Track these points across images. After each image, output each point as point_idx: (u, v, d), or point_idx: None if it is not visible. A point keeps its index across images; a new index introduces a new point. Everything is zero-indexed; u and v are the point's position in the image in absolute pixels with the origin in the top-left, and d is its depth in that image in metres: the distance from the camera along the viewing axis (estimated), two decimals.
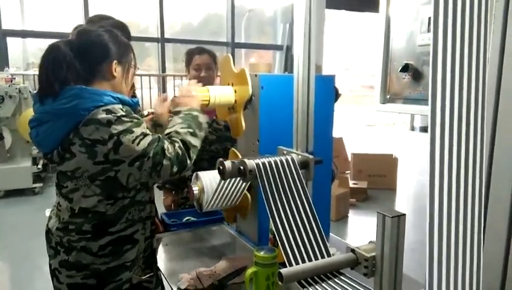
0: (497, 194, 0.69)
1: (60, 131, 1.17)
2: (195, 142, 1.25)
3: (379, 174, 5.71)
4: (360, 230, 4.38)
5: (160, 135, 1.21)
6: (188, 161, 1.21)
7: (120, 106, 1.20)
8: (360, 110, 14.80)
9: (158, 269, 1.43)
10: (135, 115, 1.21)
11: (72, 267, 1.23)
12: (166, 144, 1.18)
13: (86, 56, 1.22)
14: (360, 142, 8.72)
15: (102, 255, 1.23)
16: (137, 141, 1.14)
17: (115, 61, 1.25)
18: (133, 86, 1.37)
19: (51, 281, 1.32)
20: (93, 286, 1.24)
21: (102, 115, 1.14)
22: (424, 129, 12.05)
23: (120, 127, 1.14)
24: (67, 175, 1.22)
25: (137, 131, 1.16)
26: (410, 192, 6.00)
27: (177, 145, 1.20)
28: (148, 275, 1.35)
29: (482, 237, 0.57)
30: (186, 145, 1.22)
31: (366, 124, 13.65)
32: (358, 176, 5.66)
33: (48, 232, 1.31)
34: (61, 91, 1.17)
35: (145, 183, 1.29)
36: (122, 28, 1.60)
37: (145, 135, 1.17)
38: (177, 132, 1.24)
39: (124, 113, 1.17)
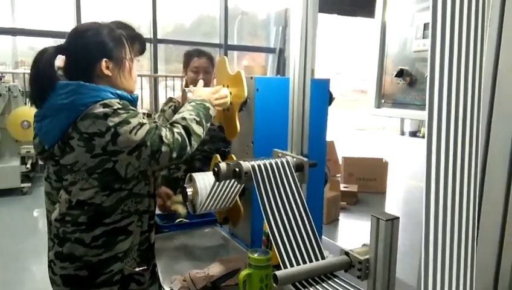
0: (490, 198, 0.70)
1: (59, 125, 1.19)
2: (199, 130, 1.25)
3: (369, 178, 5.76)
4: (351, 233, 4.40)
5: (158, 124, 1.22)
6: (188, 147, 1.21)
7: (117, 100, 1.20)
8: (351, 114, 14.92)
9: (155, 265, 1.43)
10: (132, 108, 1.21)
11: (65, 259, 1.24)
12: (164, 131, 1.19)
13: (75, 59, 1.24)
14: (350, 146, 8.78)
15: (95, 247, 1.24)
16: (134, 131, 1.15)
17: (105, 59, 1.22)
18: None
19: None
20: (85, 277, 1.24)
21: (99, 109, 1.15)
22: (413, 134, 12.21)
23: (117, 119, 1.15)
24: (67, 168, 1.24)
25: (134, 121, 1.16)
26: (399, 196, 6.05)
27: (176, 131, 1.20)
28: (141, 268, 1.34)
29: (475, 241, 0.58)
30: (188, 131, 1.22)
31: (357, 128, 13.76)
32: (348, 180, 5.70)
33: (50, 223, 1.33)
34: (60, 86, 1.19)
35: (144, 175, 1.29)
36: (126, 27, 1.59)
37: (142, 124, 1.18)
38: (183, 118, 1.25)
39: (120, 106, 1.18)
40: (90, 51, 1.22)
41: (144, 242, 1.35)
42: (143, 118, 1.22)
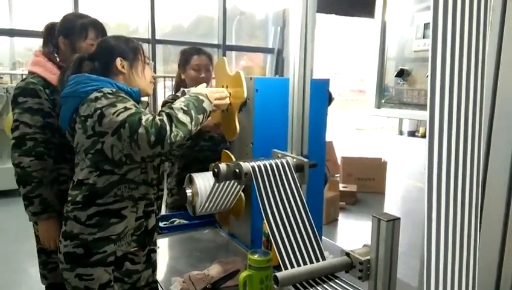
0: (492, 198, 0.70)
1: (67, 112, 1.35)
2: (185, 119, 1.24)
3: (368, 178, 5.76)
4: (350, 233, 4.40)
5: (143, 110, 1.28)
6: (168, 133, 1.19)
7: (114, 89, 1.32)
8: (349, 114, 14.93)
9: (153, 251, 1.45)
10: (122, 94, 1.30)
11: (67, 237, 1.33)
12: (147, 116, 1.22)
13: (99, 60, 1.42)
14: (349, 146, 8.78)
15: (90, 225, 1.31)
16: (117, 113, 1.23)
17: (119, 58, 1.38)
18: None
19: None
20: (81, 255, 1.31)
21: (94, 94, 1.29)
22: (412, 133, 12.22)
23: (105, 102, 1.26)
24: (74, 151, 1.38)
25: (120, 106, 1.25)
26: (398, 195, 6.05)
27: (158, 117, 1.22)
28: (133, 249, 1.37)
29: (477, 242, 0.58)
30: (170, 117, 1.22)
31: (355, 128, 13.77)
32: (347, 180, 5.70)
33: None
34: (70, 79, 1.35)
35: (133, 160, 1.31)
36: (96, 26, 1.65)
37: (126, 109, 1.25)
38: (170, 107, 1.27)
39: (111, 92, 1.29)
40: (109, 51, 1.41)
41: (139, 227, 1.38)
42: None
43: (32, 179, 1.55)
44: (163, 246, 1.66)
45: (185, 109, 1.27)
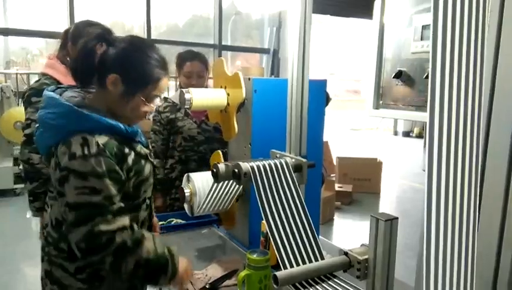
0: (490, 196, 0.71)
1: (46, 142, 1.13)
2: (126, 269, 1.05)
3: (364, 178, 5.78)
4: (346, 233, 4.42)
5: (113, 212, 1.04)
6: (98, 257, 1.03)
7: (104, 139, 1.08)
8: (344, 114, 14.99)
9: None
10: (107, 160, 1.06)
11: (55, 282, 1.18)
12: (104, 221, 1.02)
13: (108, 55, 1.12)
14: (345, 146, 8.81)
15: (80, 280, 1.14)
16: (80, 191, 1.03)
17: (117, 76, 1.10)
18: None
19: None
20: None
21: (76, 143, 1.05)
22: (406, 134, 12.32)
23: (77, 166, 1.03)
24: (50, 181, 1.18)
25: (90, 183, 1.03)
26: (393, 196, 6.08)
27: (118, 237, 1.02)
28: None
29: (475, 241, 0.59)
30: (122, 252, 1.03)
31: (351, 128, 13.83)
32: (343, 180, 5.72)
33: (44, 228, 1.26)
34: (54, 103, 1.10)
35: None
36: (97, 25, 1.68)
37: (93, 191, 1.03)
38: (139, 242, 1.06)
39: (95, 152, 1.04)
40: (117, 57, 1.11)
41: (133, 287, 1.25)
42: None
43: (40, 175, 1.60)
44: None
45: (143, 263, 1.06)
